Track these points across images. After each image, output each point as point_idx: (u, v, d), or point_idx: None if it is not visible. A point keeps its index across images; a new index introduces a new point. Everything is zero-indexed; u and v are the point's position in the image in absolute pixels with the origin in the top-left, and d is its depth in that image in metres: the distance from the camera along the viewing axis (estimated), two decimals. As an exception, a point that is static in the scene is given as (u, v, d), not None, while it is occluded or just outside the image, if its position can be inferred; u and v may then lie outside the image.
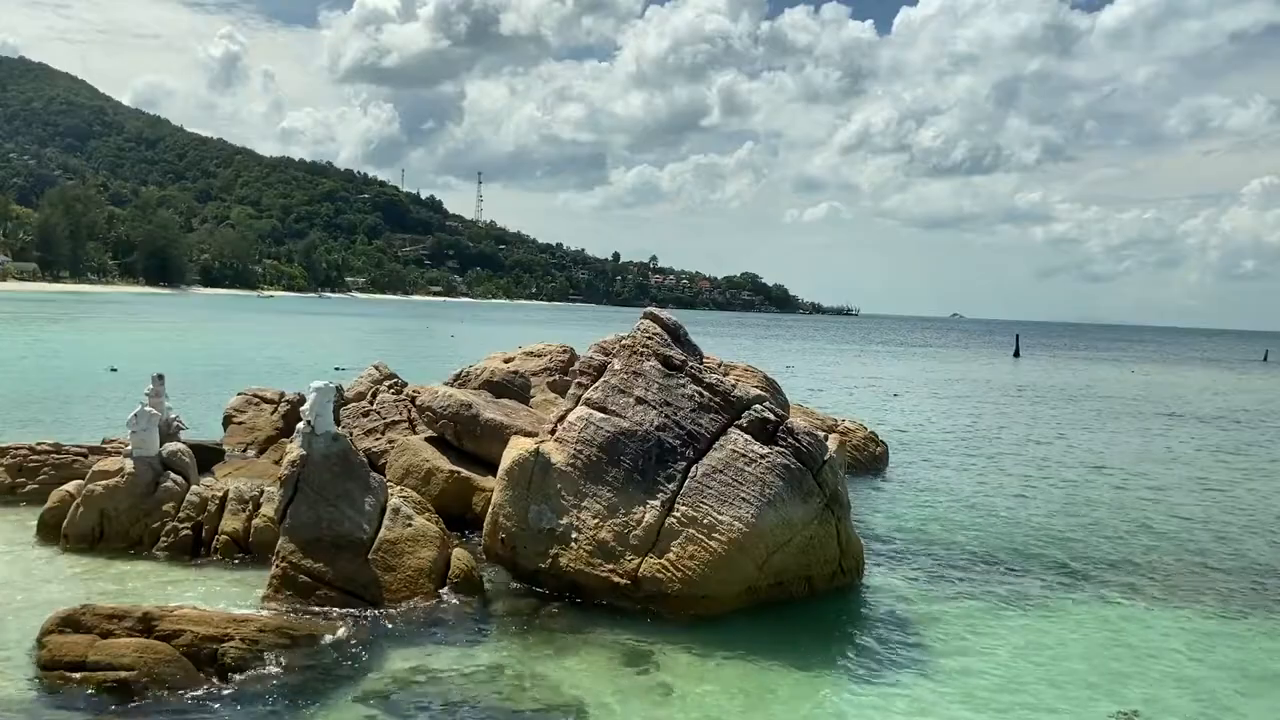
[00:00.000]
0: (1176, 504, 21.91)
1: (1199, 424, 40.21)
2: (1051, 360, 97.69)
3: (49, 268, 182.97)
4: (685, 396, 13.63)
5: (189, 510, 14.34)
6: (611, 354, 14.66)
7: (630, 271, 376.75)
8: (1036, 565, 16.00)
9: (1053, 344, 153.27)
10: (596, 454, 13.31)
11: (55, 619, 9.96)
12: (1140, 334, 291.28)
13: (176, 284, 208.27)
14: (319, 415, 13.01)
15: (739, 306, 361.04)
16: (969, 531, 18.26)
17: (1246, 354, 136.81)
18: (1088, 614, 13.54)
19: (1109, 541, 17.89)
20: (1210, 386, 66.19)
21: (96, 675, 9.39)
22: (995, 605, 13.75)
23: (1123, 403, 49.55)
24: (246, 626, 10.25)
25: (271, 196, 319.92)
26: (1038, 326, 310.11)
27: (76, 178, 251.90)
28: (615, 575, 12.51)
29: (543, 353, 21.48)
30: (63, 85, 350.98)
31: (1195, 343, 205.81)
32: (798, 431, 13.36)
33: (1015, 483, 23.86)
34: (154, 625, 9.96)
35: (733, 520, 12.32)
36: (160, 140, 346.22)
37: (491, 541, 13.69)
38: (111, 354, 45.61)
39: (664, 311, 15.23)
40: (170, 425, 16.89)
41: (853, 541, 13.95)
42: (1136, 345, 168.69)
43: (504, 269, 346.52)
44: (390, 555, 12.34)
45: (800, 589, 13.15)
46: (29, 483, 16.62)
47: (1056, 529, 18.78)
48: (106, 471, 14.60)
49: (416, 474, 15.86)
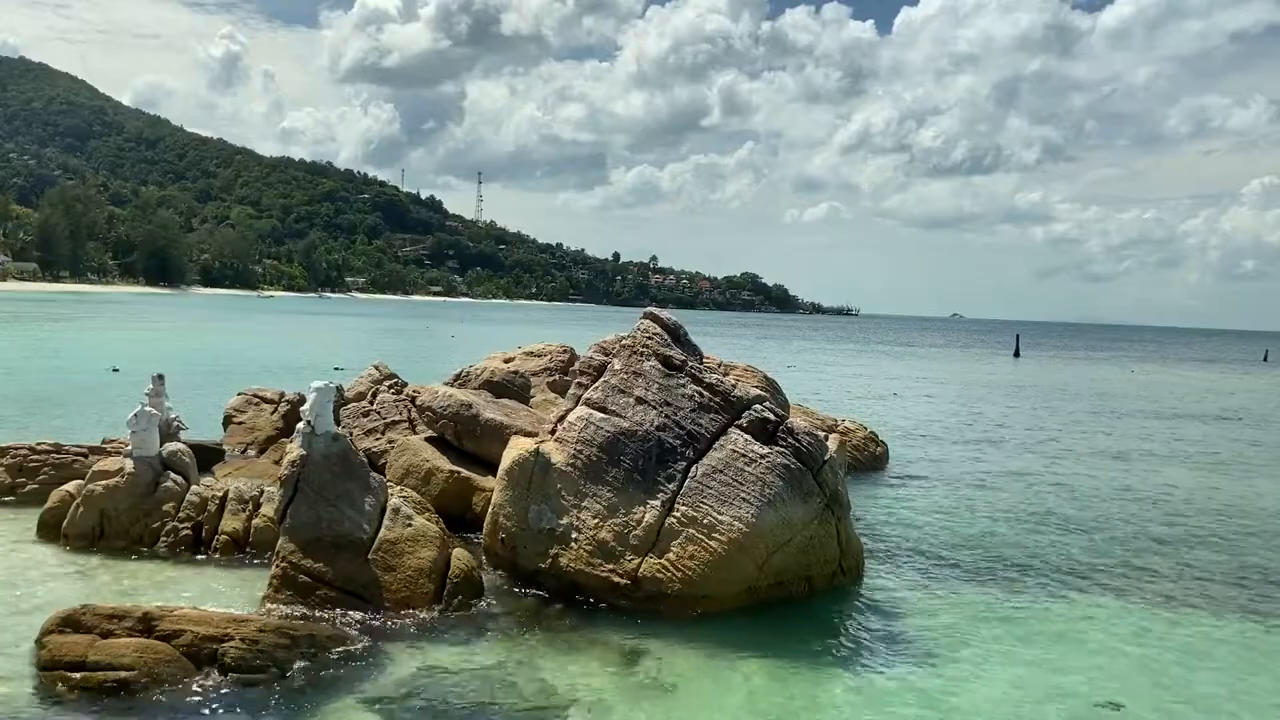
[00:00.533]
0: (1176, 504, 21.91)
1: (1199, 424, 40.21)
2: (1051, 360, 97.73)
3: (49, 268, 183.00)
4: (685, 396, 13.63)
5: (189, 510, 14.35)
6: (611, 354, 14.66)
7: (630, 271, 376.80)
8: (1036, 565, 16.00)
9: (1053, 344, 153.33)
10: (596, 454, 13.31)
11: (55, 619, 9.96)
12: (1140, 334, 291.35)
13: (176, 284, 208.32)
14: (319, 415, 13.01)
15: (739, 306, 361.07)
16: (969, 531, 18.26)
17: (1246, 354, 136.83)
18: (1088, 614, 13.53)
19: (1109, 542, 17.90)
20: (1210, 386, 66.20)
21: (96, 675, 9.38)
22: (995, 605, 13.75)
23: (1122, 403, 49.55)
24: (246, 626, 10.25)
25: (271, 196, 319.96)
26: (1038, 326, 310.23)
27: (76, 178, 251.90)
28: (615, 575, 12.51)
29: (543, 353, 21.48)
30: (63, 85, 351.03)
31: (1195, 343, 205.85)
32: (798, 431, 13.36)
33: (1016, 483, 23.85)
34: (154, 625, 9.96)
35: (733, 520, 12.32)
36: (160, 140, 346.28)
37: (491, 541, 13.69)
38: (112, 354, 45.61)
39: (664, 311, 15.23)
40: (170, 425, 16.90)
41: (853, 541, 13.96)
42: (1136, 345, 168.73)
43: (504, 269, 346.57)
44: (390, 555, 12.33)
45: (800, 589, 13.15)
46: (29, 483, 16.61)
47: (1056, 529, 18.79)
48: (106, 471, 14.60)
49: (416, 474, 15.85)
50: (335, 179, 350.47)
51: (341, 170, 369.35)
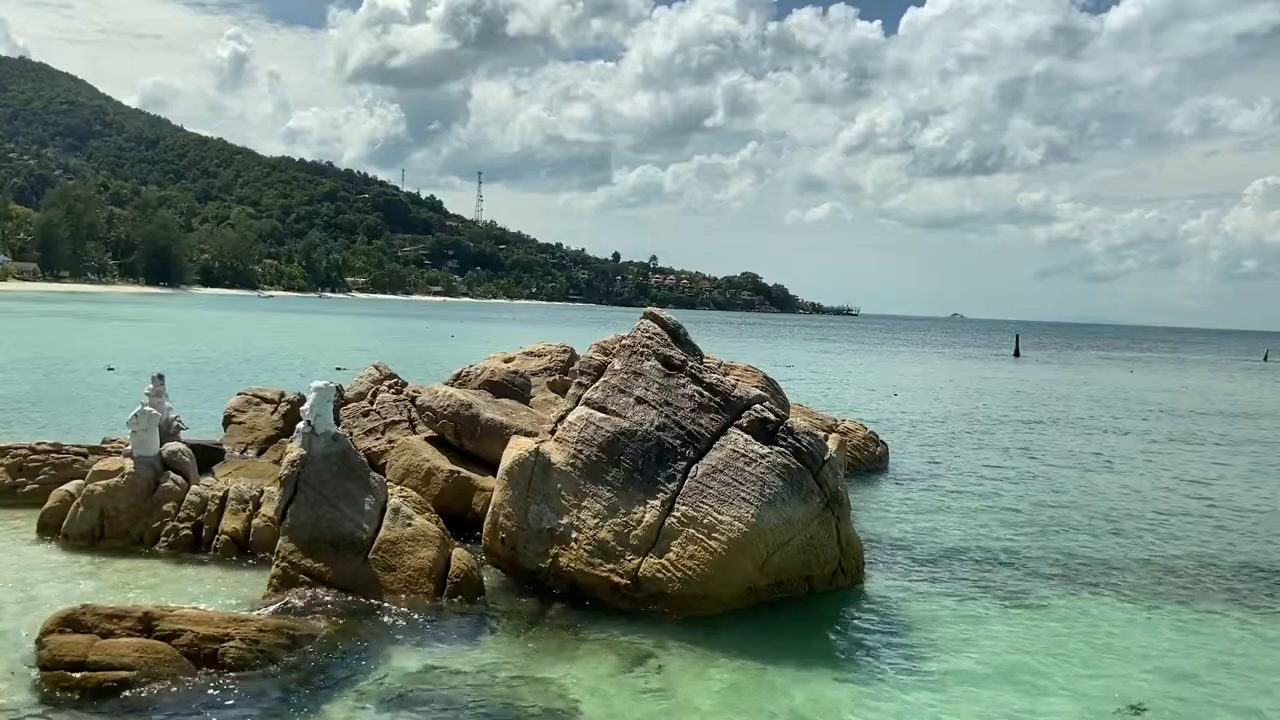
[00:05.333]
0: (1176, 503, 21.91)
1: (1198, 423, 40.20)
2: (1051, 360, 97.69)
3: (49, 267, 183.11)
4: (685, 396, 13.63)
5: (189, 510, 14.35)
6: (611, 354, 14.66)
7: (630, 271, 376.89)
8: (1037, 564, 16.00)
9: (1053, 344, 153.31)
10: (596, 454, 13.30)
11: (55, 619, 9.95)
12: (1140, 334, 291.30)
13: (176, 284, 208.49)
14: (319, 415, 13.02)
15: (739, 306, 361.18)
16: (969, 531, 18.26)
17: (1246, 354, 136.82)
18: (1088, 613, 13.52)
19: (1110, 541, 17.89)
20: (1210, 386, 66.18)
21: (96, 675, 9.38)
22: (996, 604, 13.75)
23: (1122, 402, 49.54)
24: (246, 626, 10.25)
25: (271, 196, 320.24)
26: (1038, 326, 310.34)
27: (76, 178, 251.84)
28: (615, 575, 12.51)
29: (543, 353, 21.47)
30: (63, 85, 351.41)
31: (1195, 343, 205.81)
32: (798, 431, 13.36)
33: (1016, 482, 23.85)
34: (154, 625, 9.96)
35: (733, 520, 12.33)
36: (160, 140, 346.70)
37: (491, 541, 13.68)
38: (111, 354, 45.61)
39: (664, 311, 15.22)
40: (170, 425, 16.88)
41: (853, 541, 13.96)
42: (1136, 345, 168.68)
43: (504, 269, 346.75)
44: (390, 555, 12.34)
45: (800, 589, 13.15)
46: (29, 483, 16.60)
47: (1057, 528, 18.78)
48: (106, 471, 14.60)
49: (416, 474, 15.85)
50: (335, 179, 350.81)
51: (341, 170, 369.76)
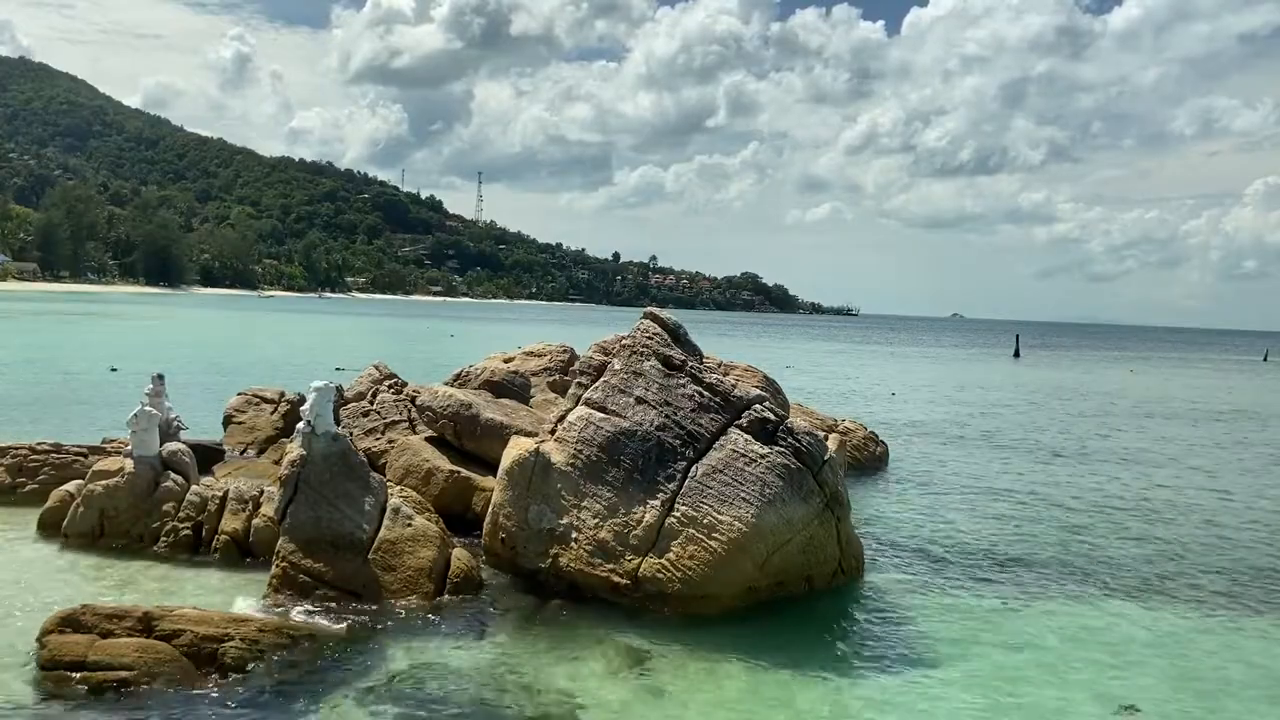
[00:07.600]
0: (1176, 503, 21.91)
1: (1198, 423, 40.21)
2: (1051, 360, 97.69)
3: (49, 268, 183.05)
4: (685, 396, 13.63)
5: (189, 510, 14.34)
6: (611, 354, 14.66)
7: (630, 271, 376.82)
8: (1036, 564, 16.00)
9: (1053, 344, 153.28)
10: (596, 454, 13.31)
11: (55, 619, 9.96)
12: (1140, 334, 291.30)
13: (176, 284, 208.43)
14: (319, 415, 13.02)
15: (739, 306, 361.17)
16: (969, 531, 18.26)
17: (1246, 354, 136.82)
18: (1088, 612, 13.53)
19: (1109, 540, 17.89)
20: (1210, 386, 66.18)
21: (96, 675, 9.39)
22: (995, 604, 13.75)
23: (1122, 402, 49.54)
24: (246, 626, 10.25)
25: (271, 196, 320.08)
26: (1038, 326, 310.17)
27: (76, 178, 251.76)
28: (615, 575, 12.51)
29: (543, 353, 21.46)
30: (63, 85, 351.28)
31: (1195, 343, 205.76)
32: (798, 431, 13.36)
33: (1015, 482, 23.85)
34: (154, 625, 9.96)
35: (733, 520, 12.33)
36: (160, 140, 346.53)
37: (491, 541, 13.69)
38: (112, 354, 45.59)
39: (664, 311, 15.22)
40: (170, 425, 16.88)
41: (853, 541, 13.96)
42: (1136, 345, 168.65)
43: (504, 269, 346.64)
44: (390, 555, 12.34)
45: (800, 589, 13.15)
46: (29, 483, 16.62)
47: (1056, 527, 18.78)
48: (106, 471, 14.60)
49: (416, 474, 15.85)
50: (335, 179, 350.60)
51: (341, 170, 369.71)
